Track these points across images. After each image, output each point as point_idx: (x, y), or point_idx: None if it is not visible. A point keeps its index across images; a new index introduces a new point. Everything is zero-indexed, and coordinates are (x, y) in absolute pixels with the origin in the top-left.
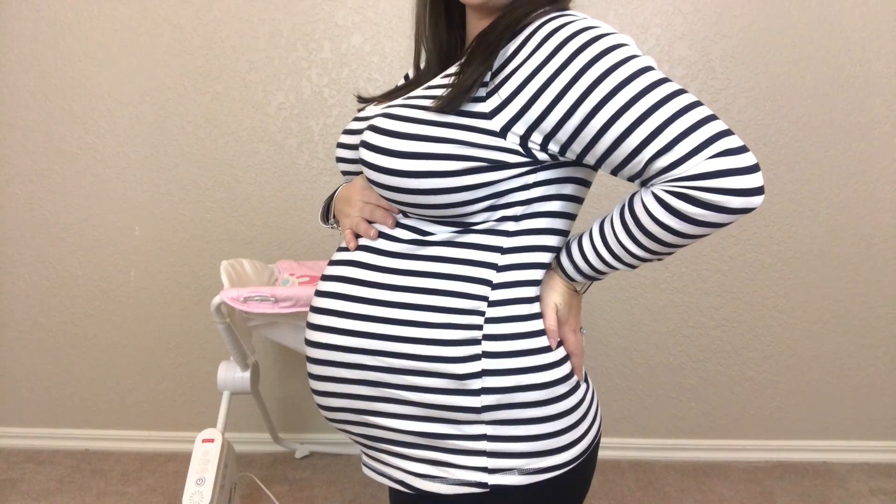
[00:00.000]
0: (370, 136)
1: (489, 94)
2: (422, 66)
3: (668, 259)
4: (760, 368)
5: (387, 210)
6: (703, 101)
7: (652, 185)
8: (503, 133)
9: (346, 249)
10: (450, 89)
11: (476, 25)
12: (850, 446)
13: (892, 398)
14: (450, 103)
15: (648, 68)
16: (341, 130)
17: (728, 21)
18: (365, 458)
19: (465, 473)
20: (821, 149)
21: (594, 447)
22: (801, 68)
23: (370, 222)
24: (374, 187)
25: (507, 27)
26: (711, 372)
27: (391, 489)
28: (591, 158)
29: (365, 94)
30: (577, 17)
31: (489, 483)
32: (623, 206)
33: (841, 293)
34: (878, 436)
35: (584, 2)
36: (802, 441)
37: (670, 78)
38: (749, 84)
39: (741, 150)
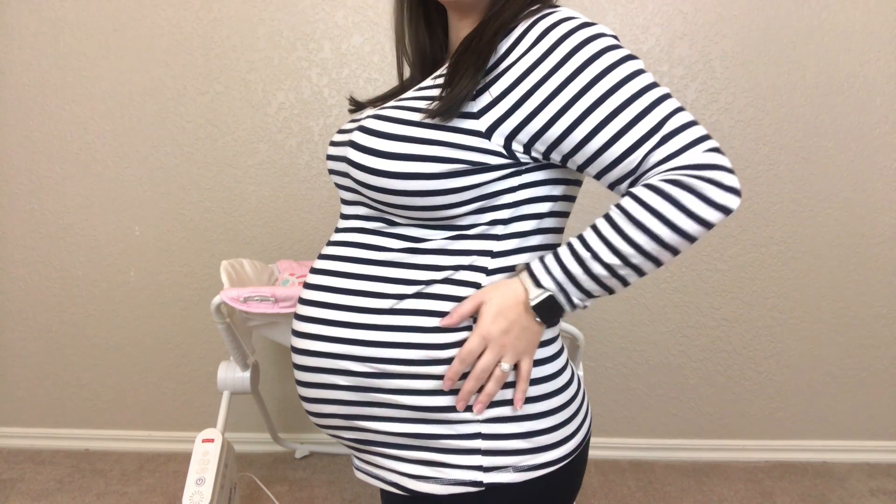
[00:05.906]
0: (358, 136)
1: (479, 93)
2: (405, 77)
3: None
4: (760, 368)
5: None
6: (702, 101)
7: (646, 177)
8: (488, 133)
9: (327, 258)
10: (444, 97)
11: (458, 26)
12: (850, 446)
13: (892, 398)
14: (445, 113)
15: (641, 71)
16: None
17: (728, 21)
18: (357, 462)
19: (460, 473)
20: (821, 149)
21: (586, 443)
22: (801, 68)
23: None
24: (361, 188)
25: (496, 32)
26: (711, 372)
27: (384, 492)
28: (580, 158)
29: (365, 95)
30: (566, 14)
31: (484, 482)
32: (607, 211)
33: (841, 293)
34: (878, 436)
35: (586, 2)
36: (802, 441)
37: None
38: (749, 84)
39: (722, 151)
